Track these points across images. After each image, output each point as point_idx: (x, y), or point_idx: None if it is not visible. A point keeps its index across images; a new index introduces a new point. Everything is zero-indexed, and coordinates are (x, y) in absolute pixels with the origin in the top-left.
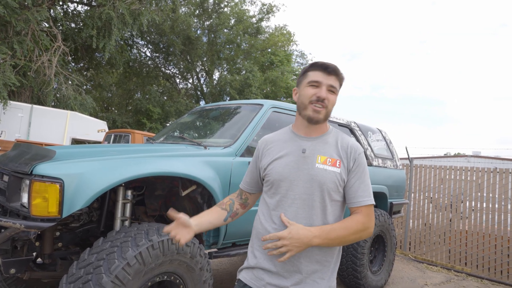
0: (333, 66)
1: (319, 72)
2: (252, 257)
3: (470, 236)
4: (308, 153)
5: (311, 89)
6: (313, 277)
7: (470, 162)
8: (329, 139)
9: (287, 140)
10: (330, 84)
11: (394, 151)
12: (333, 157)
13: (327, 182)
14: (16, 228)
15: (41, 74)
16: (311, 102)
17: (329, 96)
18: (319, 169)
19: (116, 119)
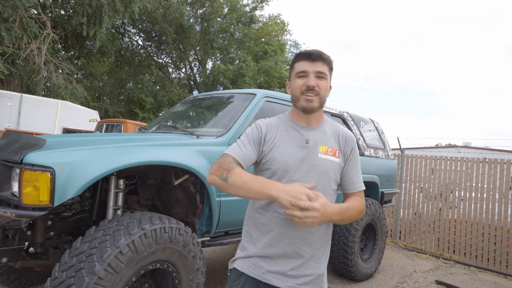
0: (316, 53)
1: (304, 62)
2: (248, 246)
3: (458, 225)
4: (311, 143)
5: (299, 80)
6: (311, 262)
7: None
8: (326, 128)
9: (287, 128)
10: (317, 71)
11: (386, 141)
12: (333, 147)
13: (329, 171)
14: (7, 217)
15: (30, 62)
16: (302, 92)
17: (319, 83)
18: (322, 159)
19: (108, 109)
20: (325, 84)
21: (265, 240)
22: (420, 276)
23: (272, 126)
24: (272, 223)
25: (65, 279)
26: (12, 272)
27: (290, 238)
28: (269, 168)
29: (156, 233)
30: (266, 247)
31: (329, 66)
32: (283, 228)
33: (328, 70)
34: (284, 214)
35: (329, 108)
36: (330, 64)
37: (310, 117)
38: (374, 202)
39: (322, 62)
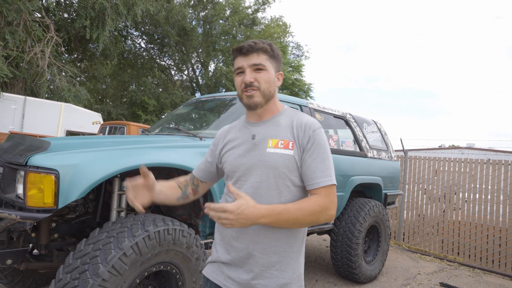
0: (247, 45)
1: (238, 58)
2: (214, 251)
3: (463, 226)
4: (258, 139)
5: (238, 78)
6: (271, 270)
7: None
8: (281, 120)
9: (240, 128)
10: (252, 64)
11: (389, 142)
12: (285, 139)
13: (279, 166)
14: (12, 219)
15: (34, 65)
16: (242, 90)
17: (257, 76)
18: (270, 154)
19: (111, 111)
20: (266, 76)
21: (223, 244)
22: (424, 278)
23: (228, 131)
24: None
25: (70, 281)
26: (17, 274)
27: (242, 242)
28: (224, 171)
29: (160, 235)
30: (224, 252)
31: (268, 55)
32: (235, 231)
33: (267, 60)
34: None
35: (332, 110)
36: (267, 52)
37: (260, 112)
38: (377, 203)
39: (256, 53)
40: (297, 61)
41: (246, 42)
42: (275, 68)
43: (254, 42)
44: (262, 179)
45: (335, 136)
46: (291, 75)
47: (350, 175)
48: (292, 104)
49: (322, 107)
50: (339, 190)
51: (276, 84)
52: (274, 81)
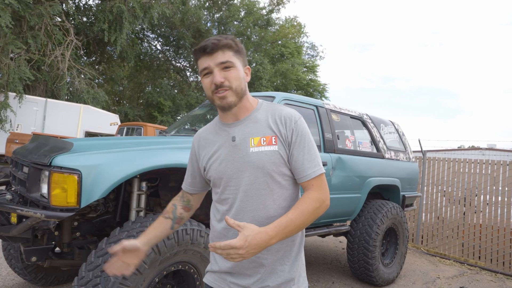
0: (211, 44)
1: (202, 58)
2: (213, 260)
3: (484, 230)
4: (239, 140)
5: (206, 79)
6: (274, 266)
7: (485, 155)
8: (259, 115)
9: (217, 131)
10: (219, 62)
11: (407, 143)
12: (266, 135)
13: (266, 164)
14: (37, 217)
15: (55, 68)
16: (212, 92)
17: (227, 75)
18: (254, 153)
19: (128, 112)
20: (235, 73)
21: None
22: (444, 283)
23: (204, 136)
24: (223, 235)
25: (92, 278)
26: (40, 271)
27: None
28: (210, 180)
29: (178, 235)
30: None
31: (233, 51)
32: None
33: (233, 56)
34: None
35: (348, 110)
36: (232, 47)
37: (235, 112)
38: (395, 205)
39: (221, 50)
40: (312, 61)
41: (208, 40)
42: (242, 63)
43: (217, 39)
44: (251, 181)
45: (351, 137)
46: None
47: (367, 176)
48: (308, 105)
49: (338, 107)
50: (356, 191)
51: (246, 79)
52: (243, 77)
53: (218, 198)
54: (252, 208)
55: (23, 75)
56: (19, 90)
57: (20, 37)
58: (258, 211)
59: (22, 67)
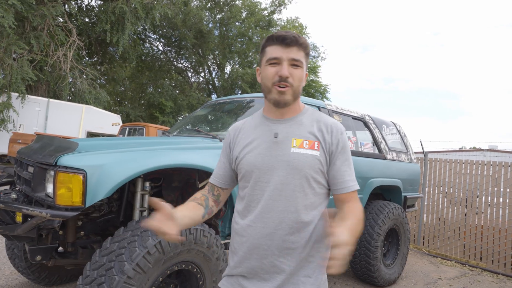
0: (291, 36)
1: (276, 46)
2: (231, 261)
3: (485, 231)
4: (281, 137)
5: (271, 68)
6: (298, 276)
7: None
8: (304, 119)
9: (258, 125)
10: (292, 58)
11: (409, 144)
12: (310, 139)
13: (305, 167)
14: (42, 217)
15: (57, 68)
16: (273, 83)
17: (293, 72)
18: (295, 154)
19: (129, 113)
20: (300, 74)
21: (241, 252)
22: (445, 284)
23: (243, 128)
24: (246, 232)
25: (96, 277)
26: (43, 270)
27: (265, 249)
28: (240, 172)
29: (182, 235)
30: (243, 260)
31: (305, 52)
32: (257, 238)
33: (304, 57)
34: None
35: (350, 111)
36: (306, 49)
37: (284, 110)
38: (397, 206)
39: (297, 47)
40: (313, 62)
41: (288, 32)
42: (306, 67)
43: (297, 35)
44: (287, 181)
45: (353, 138)
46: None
47: (369, 177)
48: (310, 106)
49: (340, 108)
50: (358, 192)
51: (303, 84)
52: (303, 80)
53: (246, 193)
54: (282, 209)
55: (26, 76)
56: (22, 90)
57: (23, 37)
58: (288, 213)
59: (24, 68)
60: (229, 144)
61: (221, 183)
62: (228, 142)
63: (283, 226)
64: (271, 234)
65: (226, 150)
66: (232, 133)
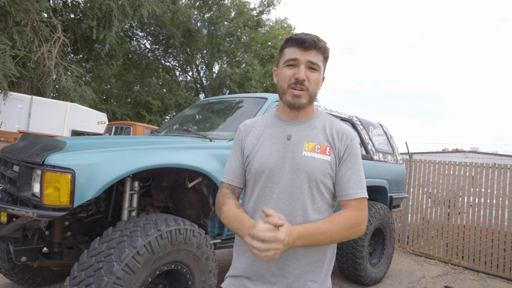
0: (310, 39)
1: (295, 48)
2: (237, 261)
3: (467, 230)
4: (294, 140)
5: (288, 70)
6: (304, 280)
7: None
8: (317, 123)
9: (271, 125)
10: (309, 61)
11: (395, 145)
12: (322, 144)
13: (315, 172)
14: (29, 217)
15: (41, 65)
16: (289, 85)
17: (310, 75)
18: (307, 158)
19: (115, 111)
20: (317, 77)
21: (248, 254)
22: (429, 282)
23: (254, 126)
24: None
25: (84, 278)
26: (27, 271)
27: None
28: (250, 171)
29: (172, 235)
30: (249, 262)
31: (323, 56)
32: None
33: (322, 61)
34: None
35: (338, 113)
36: (325, 53)
37: (298, 112)
38: (383, 206)
39: (316, 51)
40: None
41: (308, 35)
42: (323, 71)
43: (317, 38)
44: (296, 184)
45: None
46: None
47: None
48: None
49: (329, 109)
50: None
51: (319, 87)
52: (320, 84)
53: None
54: (291, 212)
55: (8, 72)
56: (4, 87)
57: (5, 32)
58: (296, 216)
59: (7, 64)
60: (240, 141)
61: (240, 183)
62: (239, 139)
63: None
64: None
65: (238, 147)
66: (243, 130)
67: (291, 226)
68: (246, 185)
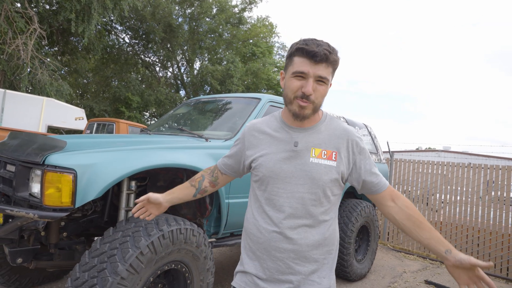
0: (322, 54)
1: (305, 60)
2: (246, 259)
3: (444, 227)
4: (301, 147)
5: (296, 82)
6: (312, 277)
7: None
8: (323, 128)
9: (277, 130)
10: (319, 75)
11: (378, 145)
12: (328, 149)
13: (322, 177)
14: (29, 218)
15: (15, 57)
16: (296, 97)
17: (318, 88)
18: (314, 164)
19: (93, 107)
20: (325, 90)
21: (258, 253)
22: (409, 276)
23: (260, 128)
24: (262, 234)
25: (88, 279)
26: (14, 273)
27: (282, 253)
28: (257, 174)
29: (173, 234)
30: (259, 260)
31: (333, 68)
32: (274, 241)
33: (331, 73)
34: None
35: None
36: (335, 65)
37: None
38: (368, 204)
39: (327, 64)
40: (283, 61)
41: (319, 46)
42: (331, 80)
43: (328, 51)
44: (304, 190)
45: None
46: (276, 75)
47: None
48: None
49: None
50: None
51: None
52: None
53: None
54: (299, 215)
55: None
56: None
57: None
58: (305, 219)
59: None
60: (244, 141)
61: (223, 169)
62: (244, 138)
63: (298, 231)
64: (287, 238)
65: (240, 145)
66: (249, 131)
67: (456, 252)
68: (251, 187)
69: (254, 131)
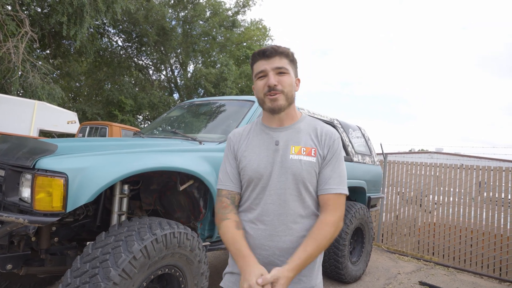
0: (270, 48)
1: (260, 61)
2: (233, 260)
3: (437, 228)
4: (281, 145)
5: (260, 82)
6: (299, 276)
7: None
8: (301, 126)
9: (259, 133)
10: (275, 67)
11: (372, 147)
12: (307, 146)
13: (302, 173)
14: (19, 223)
15: (6, 61)
16: (265, 94)
17: (281, 79)
18: (294, 160)
19: (86, 110)
20: (289, 79)
21: None
22: (404, 278)
23: (243, 135)
24: (248, 233)
25: (79, 285)
26: (4, 279)
27: (267, 250)
28: (244, 177)
29: (167, 238)
30: None
31: (288, 59)
32: (259, 239)
33: (288, 64)
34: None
35: (320, 116)
36: (289, 56)
37: (282, 117)
38: (362, 206)
39: (279, 56)
40: None
41: (267, 46)
42: (294, 73)
43: (276, 46)
44: (285, 186)
45: None
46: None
47: None
48: None
49: (312, 112)
50: None
51: (295, 89)
52: (294, 85)
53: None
54: (282, 212)
55: None
56: None
57: None
58: (287, 215)
59: None
60: (232, 149)
61: (238, 187)
62: (231, 147)
63: (282, 228)
64: (271, 235)
65: (231, 155)
66: (234, 139)
67: (284, 271)
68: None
69: (237, 138)
